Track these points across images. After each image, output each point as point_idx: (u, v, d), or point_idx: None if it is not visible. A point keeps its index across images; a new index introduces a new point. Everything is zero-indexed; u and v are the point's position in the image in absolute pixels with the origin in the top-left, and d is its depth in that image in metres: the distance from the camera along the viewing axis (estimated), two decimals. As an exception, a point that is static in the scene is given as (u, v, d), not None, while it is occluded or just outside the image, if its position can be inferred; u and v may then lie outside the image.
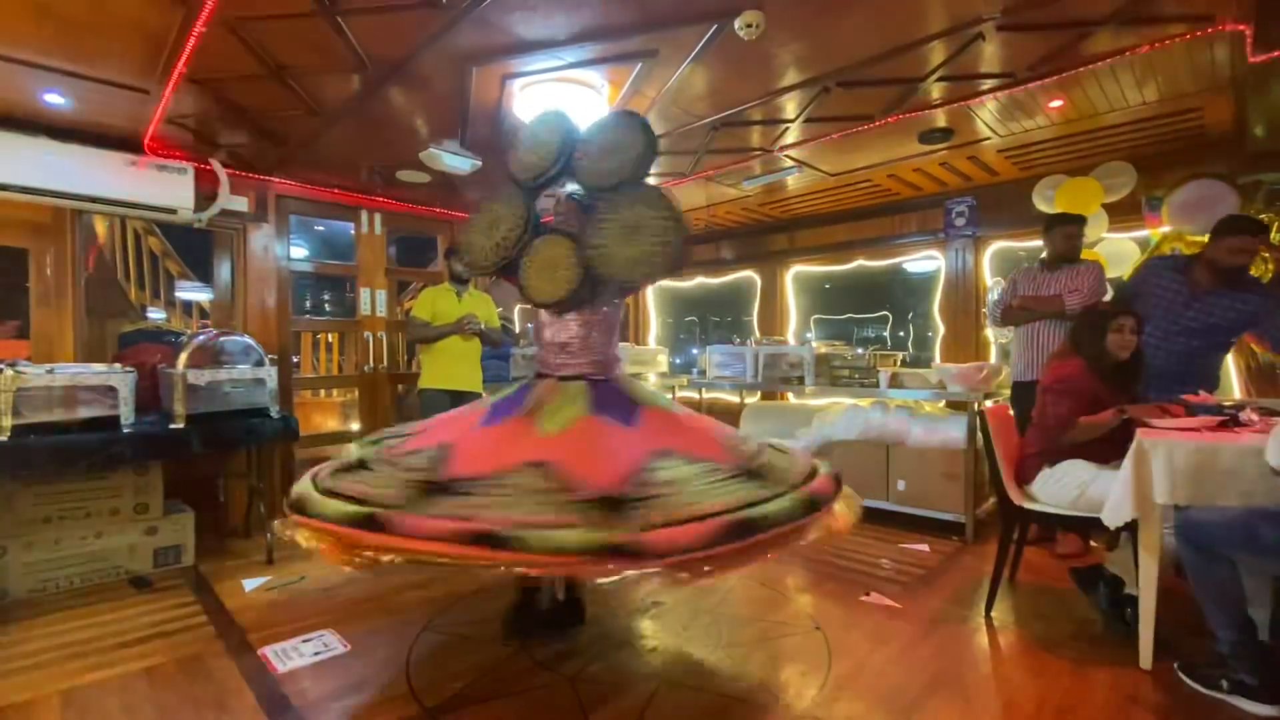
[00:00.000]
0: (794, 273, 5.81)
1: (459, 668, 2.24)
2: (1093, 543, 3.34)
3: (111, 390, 2.89)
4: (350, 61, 2.63)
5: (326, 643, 2.44)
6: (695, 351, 6.91)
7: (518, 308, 7.61)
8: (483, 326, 3.99)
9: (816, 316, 5.91)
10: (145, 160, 3.52)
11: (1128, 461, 2.09)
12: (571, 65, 2.70)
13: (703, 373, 5.29)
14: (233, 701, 2.05)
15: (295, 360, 5.13)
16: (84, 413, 2.84)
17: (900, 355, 5.01)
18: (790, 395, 5.36)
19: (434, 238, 5.38)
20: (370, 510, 1.65)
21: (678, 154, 3.88)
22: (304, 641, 2.44)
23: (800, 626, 2.59)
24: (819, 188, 4.63)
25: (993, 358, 4.53)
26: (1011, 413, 3.06)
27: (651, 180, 4.34)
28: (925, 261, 5.06)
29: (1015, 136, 3.58)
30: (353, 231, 4.75)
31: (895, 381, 4.06)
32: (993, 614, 2.63)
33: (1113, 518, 2.13)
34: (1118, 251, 3.78)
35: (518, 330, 6.64)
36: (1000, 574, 2.64)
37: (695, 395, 5.38)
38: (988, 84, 2.92)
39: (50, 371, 2.76)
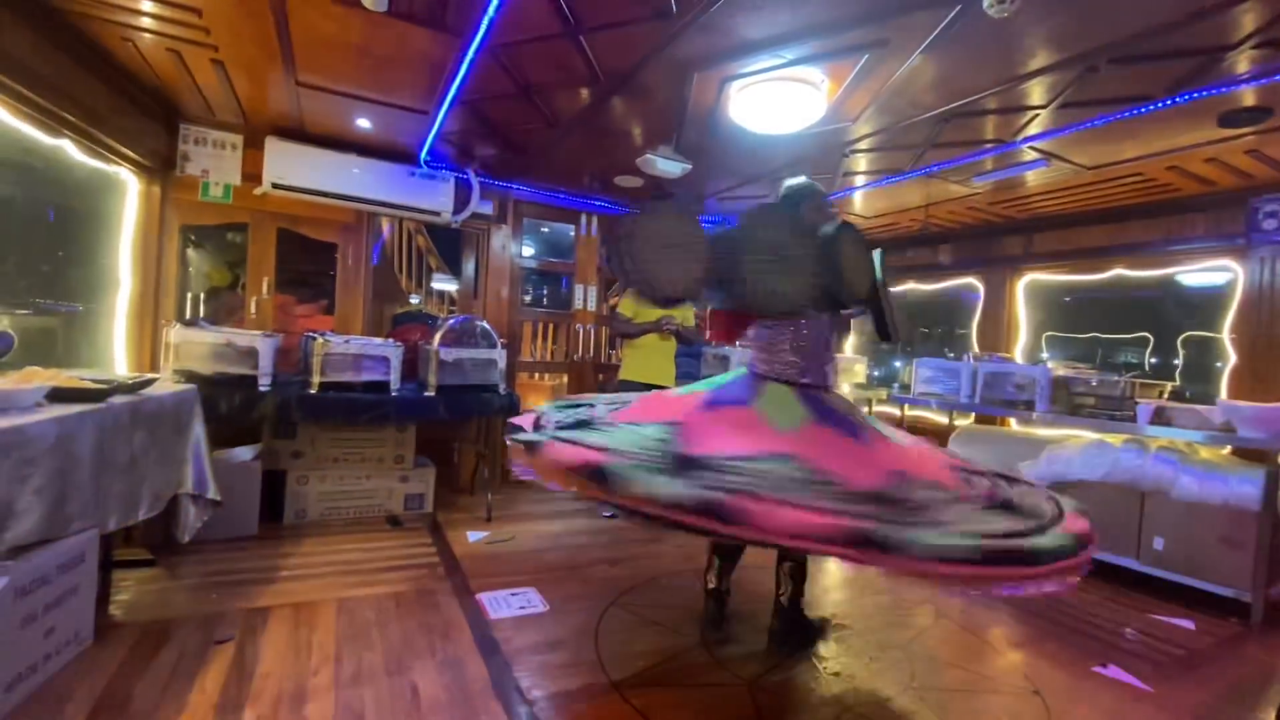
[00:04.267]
0: (1027, 281, 5.08)
1: (643, 648, 2.36)
2: None
3: (385, 360, 3.53)
4: (585, 75, 2.89)
5: (530, 599, 2.72)
6: (898, 364, 6.41)
7: (710, 308, 7.75)
8: (679, 326, 4.13)
9: (1050, 334, 5.12)
10: (420, 171, 4.22)
11: None
12: (793, 63, 2.66)
13: (906, 387, 4.88)
14: (454, 634, 2.38)
15: (518, 345, 5.78)
16: (365, 376, 3.50)
17: (1167, 385, 4.14)
18: (1013, 421, 4.72)
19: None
20: (718, 496, 1.50)
21: (896, 149, 3.63)
22: (512, 595, 2.76)
23: (1010, 685, 2.28)
24: (1069, 183, 3.99)
25: (1312, 399, 3.53)
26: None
27: (862, 179, 4.15)
28: (1212, 273, 4.10)
29: (1373, 114, 2.75)
30: (572, 233, 5.21)
31: (1161, 417, 3.36)
32: (1289, 723, 2.07)
33: None
34: None
35: (709, 331, 6.73)
36: (1306, 675, 2.07)
37: (895, 411, 4.99)
38: (1333, 48, 2.28)
39: (347, 342, 3.46)
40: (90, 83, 2.97)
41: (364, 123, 3.69)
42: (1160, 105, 2.77)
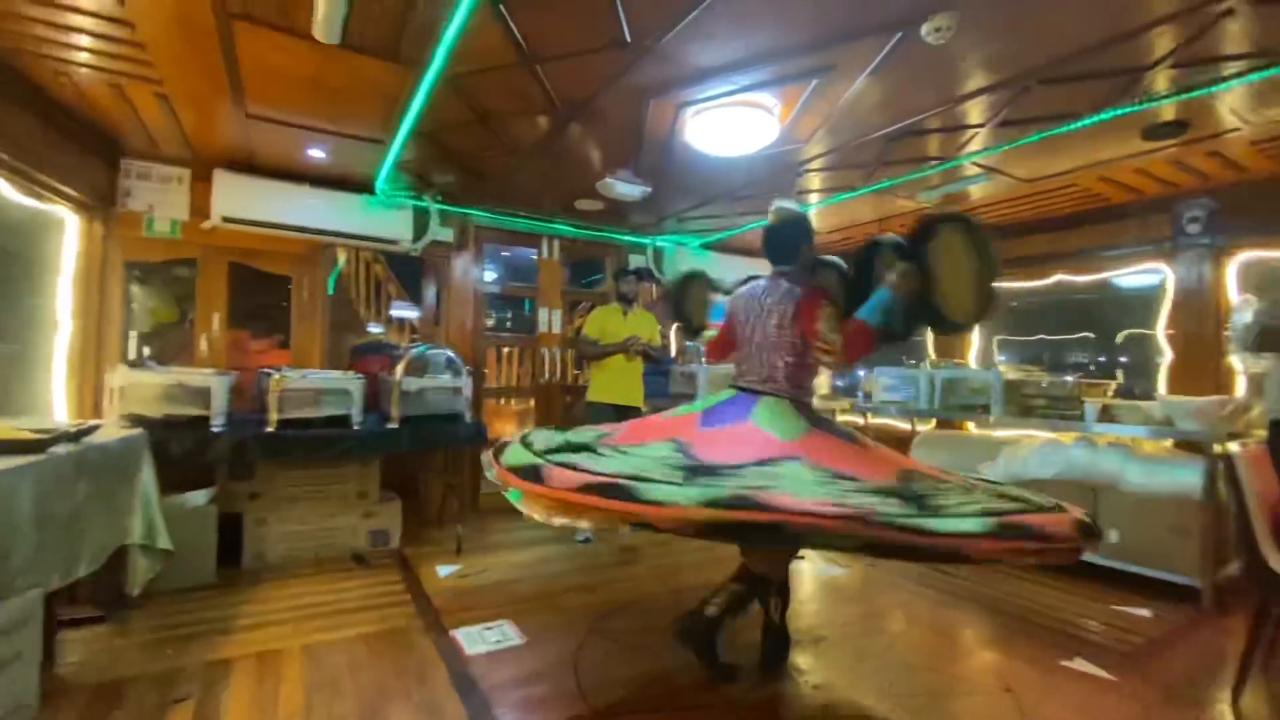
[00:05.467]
0: (977, 290, 5.28)
1: (623, 674, 2.33)
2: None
3: (346, 393, 3.44)
4: (542, 103, 2.91)
5: (505, 633, 2.67)
6: (860, 374, 6.56)
7: (675, 327, 7.81)
8: (645, 345, 4.15)
9: (1001, 338, 5.33)
10: (377, 200, 4.17)
11: None
12: (746, 89, 2.74)
13: (868, 396, 5.00)
14: (430, 674, 2.31)
15: (483, 371, 5.72)
16: (326, 411, 3.40)
17: (1112, 384, 4.34)
18: (971, 425, 4.88)
19: (602, 260, 5.71)
20: (738, 494, 1.56)
21: (847, 168, 3.75)
22: (487, 629, 2.70)
23: (984, 685, 2.33)
24: (1010, 196, 4.20)
25: (1240, 391, 3.76)
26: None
27: (816, 196, 4.28)
28: (1144, 276, 4.35)
29: (1273, 125, 2.97)
30: (535, 257, 5.20)
31: (1107, 415, 3.52)
32: (1241, 703, 2.16)
33: None
34: None
35: (674, 350, 6.79)
36: (1252, 655, 2.17)
37: (859, 420, 5.10)
38: (1235, 66, 2.47)
39: (305, 376, 3.36)
40: (23, 118, 2.86)
41: (317, 153, 3.64)
42: (1089, 121, 2.95)
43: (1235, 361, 3.77)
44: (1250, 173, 3.58)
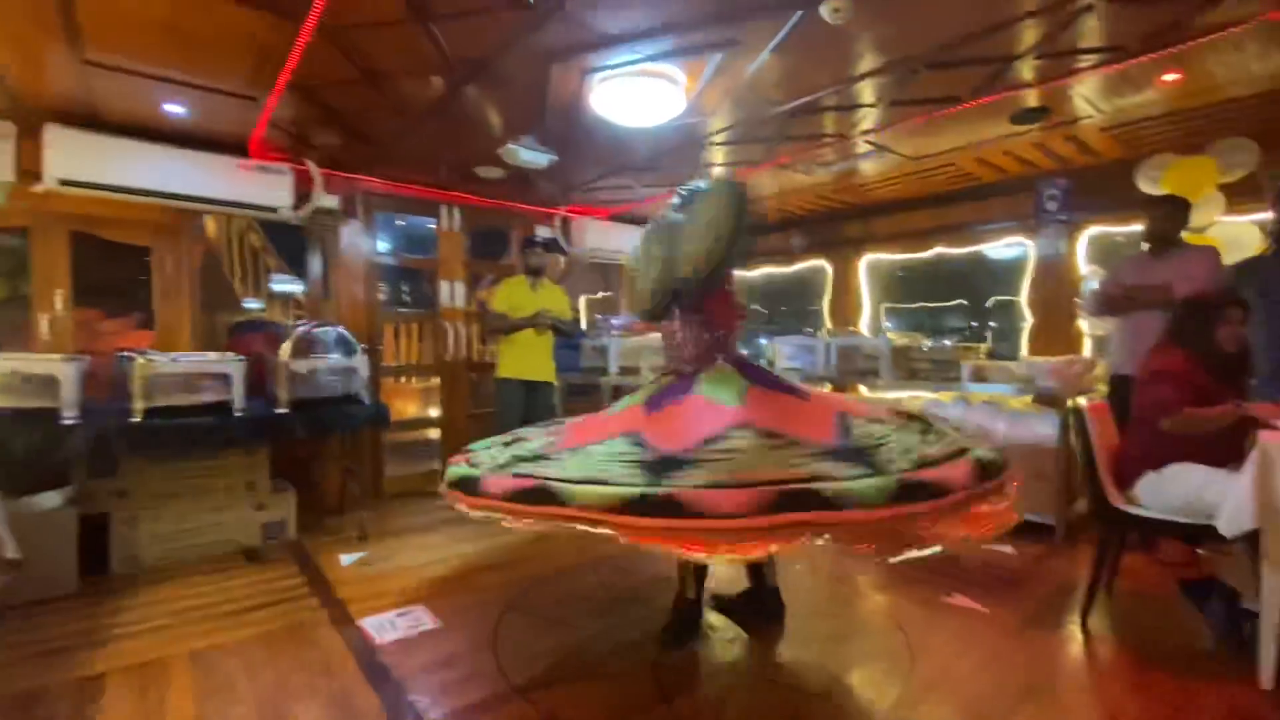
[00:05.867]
0: (867, 261, 5.63)
1: (542, 647, 2.33)
2: (1199, 551, 3.11)
3: (226, 377, 3.14)
4: (436, 63, 2.73)
5: (418, 618, 2.59)
6: (763, 342, 6.82)
7: (583, 298, 7.75)
8: (554, 319, 4.09)
9: (888, 305, 5.72)
10: (249, 163, 3.77)
11: (1249, 466, 1.94)
12: (650, 58, 2.70)
13: (770, 364, 5.22)
14: (338, 668, 2.21)
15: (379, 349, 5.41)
16: (202, 398, 3.09)
17: (984, 348, 4.78)
18: (863, 388, 5.22)
19: (507, 231, 5.52)
20: (646, 493, 1.54)
21: (750, 142, 3.83)
22: (399, 615, 2.60)
23: (878, 625, 2.55)
24: (898, 173, 4.46)
25: (1087, 351, 4.27)
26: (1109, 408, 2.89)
27: (719, 169, 4.35)
28: (1010, 248, 4.80)
29: (1121, 113, 3.34)
30: (434, 226, 4.94)
31: (979, 375, 3.89)
32: (1089, 622, 2.50)
33: (1231, 527, 1.98)
34: (1235, 236, 3.48)
35: (584, 323, 6.75)
36: (1098, 580, 2.51)
37: (764, 386, 5.32)
38: (1091, 59, 2.74)
39: (175, 360, 3.03)
40: None
41: (176, 108, 3.22)
42: (966, 104, 3.16)
43: (1083, 325, 4.27)
44: (1101, 156, 4.00)
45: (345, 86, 2.96)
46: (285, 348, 3.33)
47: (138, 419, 2.88)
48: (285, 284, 6.59)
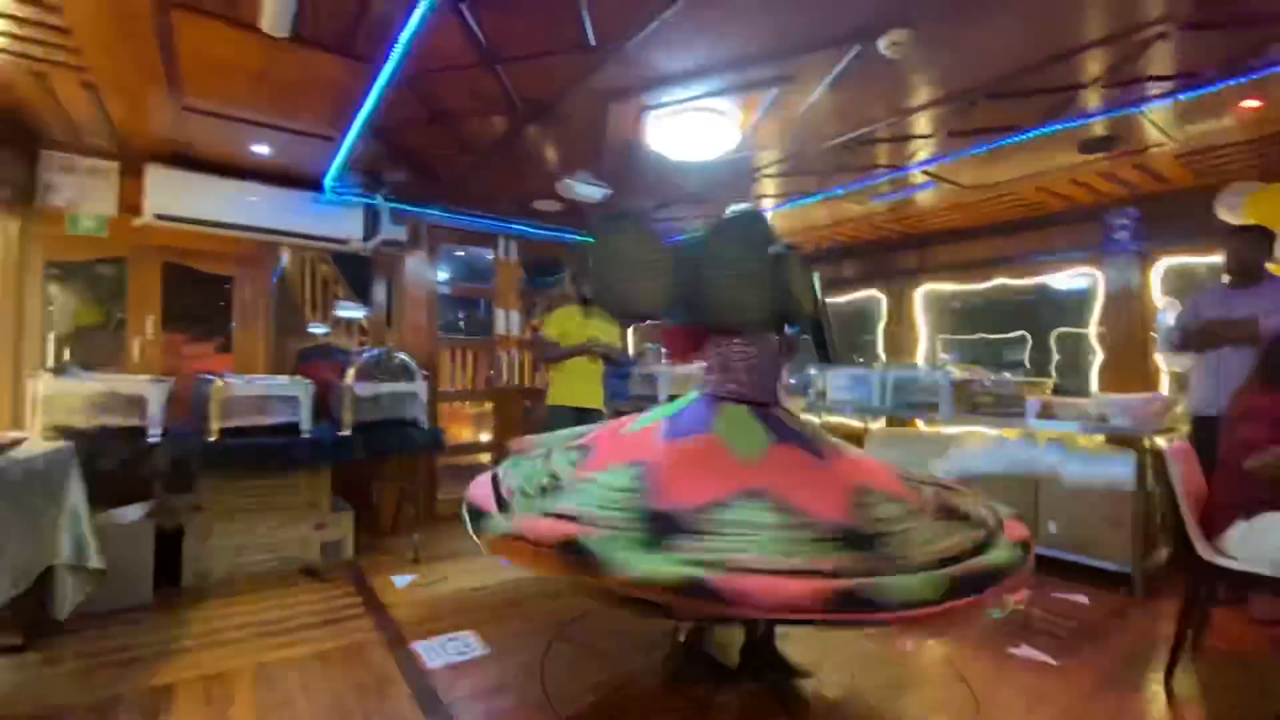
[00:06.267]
0: (923, 291, 5.50)
1: (589, 681, 2.31)
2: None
3: (294, 400, 3.29)
4: (502, 104, 2.86)
5: (468, 644, 2.61)
6: (812, 372, 6.71)
7: (631, 328, 7.81)
8: (606, 347, 4.13)
9: (943, 337, 5.55)
10: (325, 198, 4.00)
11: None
12: (707, 95, 2.76)
13: (821, 395, 5.12)
14: (391, 691, 2.24)
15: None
16: (272, 419, 3.25)
17: (1049, 383, 4.58)
18: (920, 423, 5.06)
19: (560, 261, 5.66)
20: (698, 577, 1.46)
21: (802, 174, 3.83)
22: (449, 640, 2.63)
23: (938, 675, 2.42)
24: (955, 202, 4.37)
25: (1164, 388, 4.03)
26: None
27: (771, 201, 4.36)
28: (1076, 279, 4.61)
29: (1195, 140, 3.20)
30: (490, 257, 5.11)
31: (1046, 412, 3.71)
32: (1173, 684, 2.31)
33: (1338, 584, 1.82)
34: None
35: (633, 351, 6.80)
36: (1183, 637, 2.33)
37: (814, 418, 5.21)
38: (1161, 86, 2.65)
39: (249, 382, 3.21)
40: (-71, 106, 2.63)
41: (262, 149, 3.47)
42: (1029, 134, 3.09)
43: (1160, 361, 4.04)
44: (1172, 184, 3.83)
45: (416, 126, 3.12)
46: (350, 372, 3.48)
47: (213, 438, 3.05)
48: (350, 310, 6.90)
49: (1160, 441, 3.22)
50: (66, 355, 4.04)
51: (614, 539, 1.55)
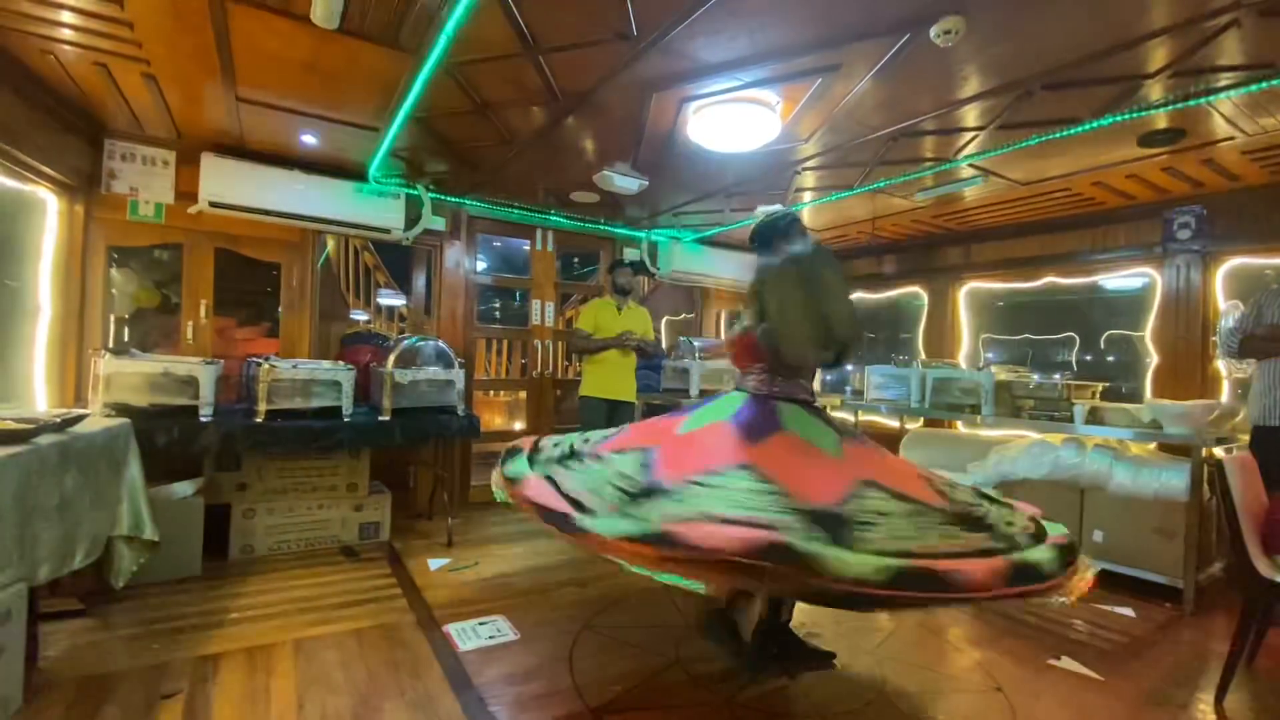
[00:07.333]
0: (967, 289, 5.34)
1: (617, 670, 2.33)
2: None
3: (337, 385, 3.38)
4: (543, 94, 2.87)
5: (499, 628, 2.65)
6: (848, 369, 6.60)
7: (665, 320, 7.80)
8: (640, 341, 4.14)
9: (986, 336, 5.39)
10: (369, 188, 4.09)
11: None
12: (749, 85, 2.72)
13: (858, 393, 5.03)
14: (424, 670, 2.29)
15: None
16: (316, 402, 3.35)
17: (1099, 386, 4.40)
18: (960, 424, 4.93)
19: (596, 253, 5.67)
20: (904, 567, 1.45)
21: (845, 167, 3.75)
22: (480, 624, 2.68)
23: (974, 684, 2.36)
24: (1004, 198, 4.22)
25: (1224, 396, 3.84)
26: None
27: (810, 195, 4.27)
28: (1131, 279, 4.41)
29: (1267, 135, 3.02)
30: (527, 248, 5.15)
31: (1095, 417, 3.57)
32: (1224, 703, 2.21)
33: None
34: None
35: (665, 344, 6.79)
36: (1238, 656, 2.22)
37: (849, 417, 5.13)
38: (1232, 77, 2.50)
39: (295, 366, 3.30)
40: (4, 96, 2.76)
41: (309, 139, 3.56)
42: (1087, 127, 2.96)
43: (1221, 366, 3.85)
44: (1241, 181, 3.63)
45: (458, 117, 3.15)
46: (391, 359, 3.56)
47: (260, 419, 3.16)
48: (390, 298, 7.06)
49: (1218, 451, 3.08)
50: (125, 336, 4.22)
51: (809, 539, 1.49)
